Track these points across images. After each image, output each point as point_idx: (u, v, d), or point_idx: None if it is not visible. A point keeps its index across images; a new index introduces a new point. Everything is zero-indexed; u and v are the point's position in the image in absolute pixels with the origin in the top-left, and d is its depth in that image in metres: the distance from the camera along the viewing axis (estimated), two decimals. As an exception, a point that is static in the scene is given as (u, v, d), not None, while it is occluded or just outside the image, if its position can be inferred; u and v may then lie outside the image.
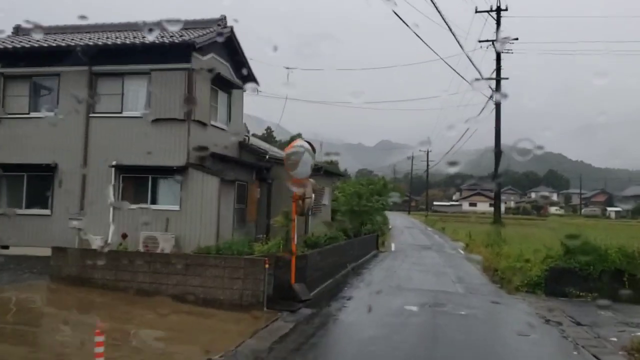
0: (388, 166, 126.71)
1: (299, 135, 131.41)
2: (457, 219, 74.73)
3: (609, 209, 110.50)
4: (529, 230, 38.76)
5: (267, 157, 18.76)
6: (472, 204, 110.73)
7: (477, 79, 28.47)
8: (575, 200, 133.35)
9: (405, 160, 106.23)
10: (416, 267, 21.87)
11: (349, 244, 21.44)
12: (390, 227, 51.13)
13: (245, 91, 19.75)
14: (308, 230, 18.60)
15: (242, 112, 19.84)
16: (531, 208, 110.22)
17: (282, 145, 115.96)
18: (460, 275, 19.96)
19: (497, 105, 27.95)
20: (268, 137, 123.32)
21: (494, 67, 28.03)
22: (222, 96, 18.11)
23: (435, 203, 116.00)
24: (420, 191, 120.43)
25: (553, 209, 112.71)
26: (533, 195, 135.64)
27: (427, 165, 70.39)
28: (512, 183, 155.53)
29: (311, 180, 13.52)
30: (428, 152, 69.85)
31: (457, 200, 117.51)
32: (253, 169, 18.58)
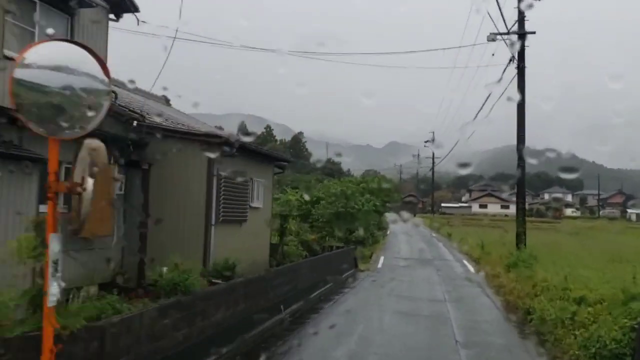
0: (396, 167, 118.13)
1: (300, 134, 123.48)
2: (466, 221, 66.26)
3: (629, 210, 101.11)
4: (550, 236, 30.57)
5: (140, 123, 10.63)
6: (483, 206, 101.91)
7: (494, 34, 20.32)
8: (591, 202, 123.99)
9: (413, 161, 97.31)
10: (401, 305, 13.61)
11: (291, 269, 13.32)
12: (388, 232, 42.91)
13: (116, 19, 11.68)
14: (210, 255, 10.56)
15: (106, 53, 11.75)
16: (545, 210, 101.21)
17: (279, 146, 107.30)
18: (469, 323, 11.73)
19: (521, 70, 19.71)
20: (267, 135, 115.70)
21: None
22: (51, 17, 10.10)
23: (443, 205, 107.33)
24: (429, 192, 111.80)
25: (569, 211, 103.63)
26: (546, 196, 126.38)
27: (433, 162, 61.99)
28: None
29: (93, 141, 5.39)
30: (433, 149, 61.32)
31: (466, 202, 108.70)
32: (111, 143, 10.54)
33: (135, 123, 10.47)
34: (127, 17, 11.94)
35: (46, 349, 4.92)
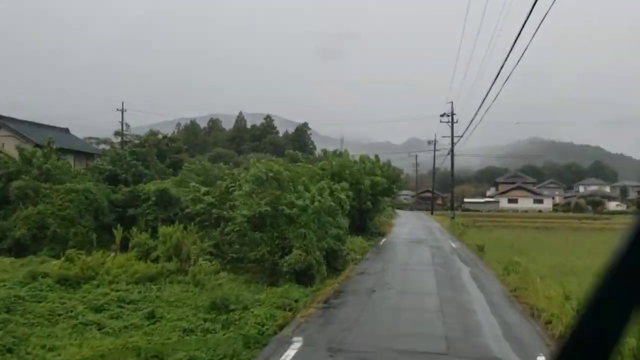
0: (411, 156, 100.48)
1: (305, 126, 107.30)
2: (496, 220, 48.84)
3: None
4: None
5: None
6: (512, 200, 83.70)
7: None
8: (632, 194, 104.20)
9: (432, 151, 79.37)
10: None
11: None
12: (382, 241, 26.31)
13: None
14: None
15: None
16: (585, 204, 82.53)
17: (281, 138, 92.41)
18: None
19: None
20: (267, 126, 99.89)
21: None
22: None
23: (466, 200, 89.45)
24: (450, 187, 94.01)
25: (612, 205, 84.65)
26: (581, 188, 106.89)
27: (452, 139, 44.57)
28: (554, 176, 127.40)
29: None
30: (452, 123, 44.09)
31: (492, 197, 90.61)
32: None
33: None
34: None
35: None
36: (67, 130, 42.58)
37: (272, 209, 14.74)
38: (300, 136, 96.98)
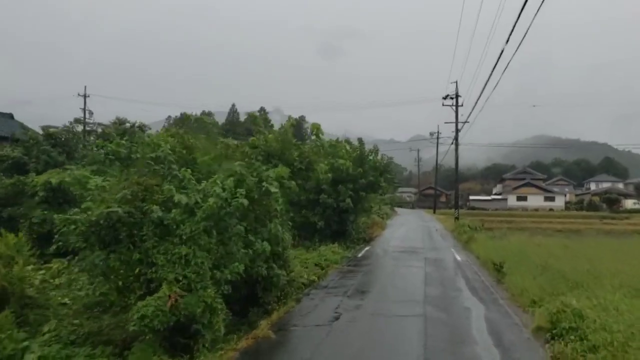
0: (412, 151, 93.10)
1: (302, 118, 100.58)
2: (506, 220, 41.71)
3: None
4: None
5: None
6: (521, 198, 76.31)
7: None
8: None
9: (441, 154, 71.61)
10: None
11: None
12: (363, 250, 19.56)
13: None
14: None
15: None
16: (600, 201, 75.05)
17: (274, 131, 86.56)
18: None
19: None
20: (262, 119, 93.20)
21: None
22: None
23: (471, 197, 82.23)
24: (455, 185, 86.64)
25: (629, 203, 77.16)
26: (593, 186, 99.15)
27: (456, 127, 37.27)
28: (563, 173, 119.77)
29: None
30: (457, 106, 36.88)
31: (500, 194, 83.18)
32: None
33: None
34: None
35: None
36: (10, 116, 36.13)
37: (135, 209, 8.02)
38: (297, 128, 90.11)
